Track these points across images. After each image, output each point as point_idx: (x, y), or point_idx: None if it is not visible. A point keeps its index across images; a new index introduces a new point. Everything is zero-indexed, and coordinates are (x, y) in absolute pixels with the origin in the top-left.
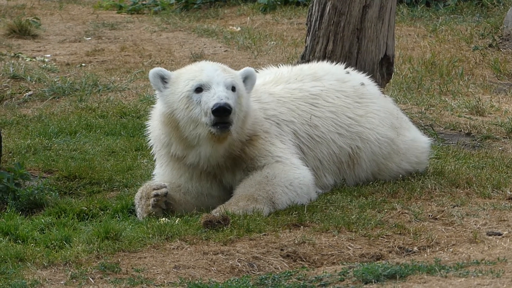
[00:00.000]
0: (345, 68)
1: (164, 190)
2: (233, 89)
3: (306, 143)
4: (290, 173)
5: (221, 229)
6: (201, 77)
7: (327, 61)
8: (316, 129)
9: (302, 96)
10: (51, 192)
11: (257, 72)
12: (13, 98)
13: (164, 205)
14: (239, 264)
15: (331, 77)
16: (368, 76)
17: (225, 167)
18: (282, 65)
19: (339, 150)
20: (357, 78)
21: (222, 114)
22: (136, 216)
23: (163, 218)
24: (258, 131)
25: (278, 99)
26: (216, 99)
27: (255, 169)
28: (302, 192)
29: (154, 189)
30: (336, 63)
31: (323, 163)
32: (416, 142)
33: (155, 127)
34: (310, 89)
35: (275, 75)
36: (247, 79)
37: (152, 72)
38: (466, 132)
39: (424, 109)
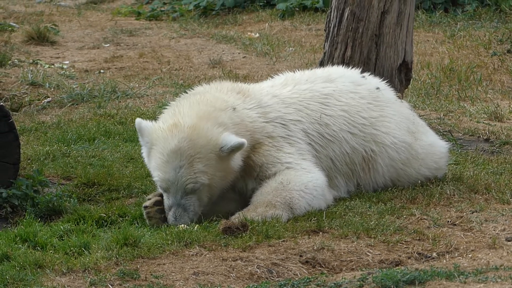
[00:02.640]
0: (363, 73)
1: (154, 199)
2: (195, 190)
3: (318, 141)
4: (303, 177)
5: (240, 235)
6: (163, 178)
7: (346, 67)
8: (327, 127)
9: (312, 96)
10: (70, 199)
11: (271, 77)
12: (32, 105)
13: (159, 214)
14: (258, 271)
15: (346, 80)
16: (385, 81)
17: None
18: (299, 70)
19: (352, 151)
20: (373, 82)
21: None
22: None
23: (182, 225)
24: (260, 138)
25: (283, 100)
26: (171, 219)
27: (267, 177)
28: (318, 194)
29: (147, 199)
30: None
31: (335, 163)
32: (434, 147)
33: None
34: (321, 89)
35: (285, 77)
36: (234, 151)
37: (136, 122)
38: (484, 138)
39: (443, 115)
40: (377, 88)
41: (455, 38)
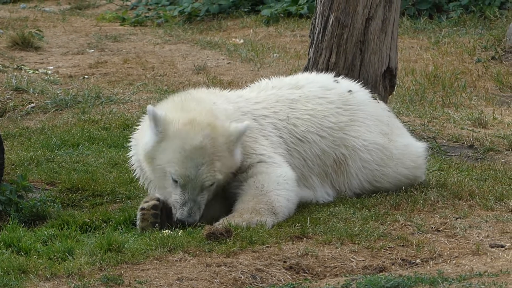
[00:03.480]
0: (336, 78)
1: (151, 202)
2: (210, 186)
3: (288, 137)
4: (272, 174)
5: (224, 241)
6: (182, 174)
7: (330, 73)
8: (295, 127)
9: (278, 100)
10: (54, 204)
11: (248, 86)
12: (16, 110)
13: (153, 218)
14: (242, 276)
15: (314, 85)
16: (369, 87)
17: None
18: (285, 76)
19: (322, 153)
20: (345, 86)
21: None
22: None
23: (166, 230)
24: None
25: (249, 99)
26: (185, 214)
27: (242, 170)
28: (290, 187)
29: (144, 202)
30: (339, 76)
31: (308, 162)
32: (410, 147)
33: (138, 149)
34: (287, 95)
35: (252, 86)
36: (240, 137)
37: (149, 109)
38: (469, 144)
39: (427, 122)
40: (349, 91)
41: (439, 44)
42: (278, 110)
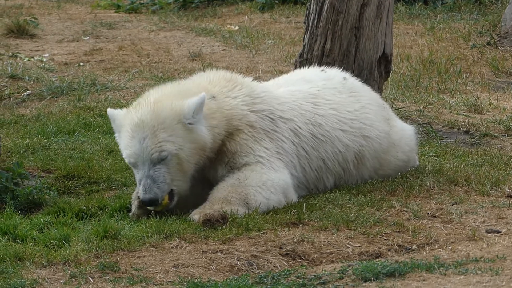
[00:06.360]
0: (341, 68)
1: None
2: (163, 159)
3: (309, 143)
4: (265, 175)
5: (220, 227)
6: (130, 153)
7: (326, 59)
8: (320, 127)
9: (303, 97)
10: (50, 192)
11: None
12: (12, 98)
13: (147, 210)
14: (238, 263)
15: (318, 78)
16: (365, 74)
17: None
18: (280, 63)
19: (344, 149)
20: (338, 74)
21: (150, 206)
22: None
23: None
24: (239, 125)
25: (277, 97)
26: (141, 192)
27: (237, 166)
28: (276, 191)
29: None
30: (334, 62)
31: (327, 164)
32: (404, 131)
33: None
34: (308, 90)
35: (273, 82)
36: (197, 111)
37: (108, 111)
38: (464, 130)
39: (423, 107)
40: (344, 78)
41: (434, 30)
42: (304, 112)
